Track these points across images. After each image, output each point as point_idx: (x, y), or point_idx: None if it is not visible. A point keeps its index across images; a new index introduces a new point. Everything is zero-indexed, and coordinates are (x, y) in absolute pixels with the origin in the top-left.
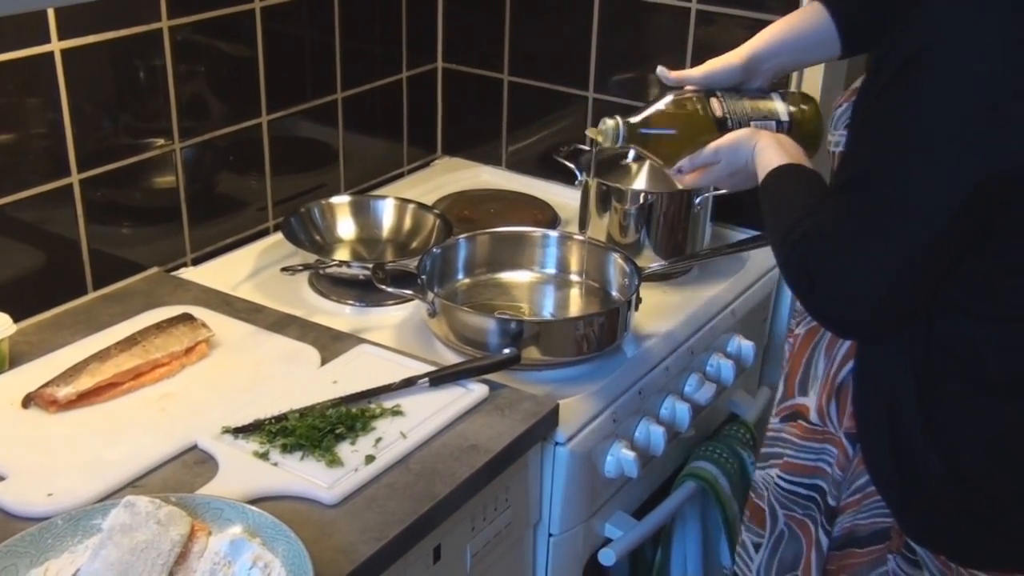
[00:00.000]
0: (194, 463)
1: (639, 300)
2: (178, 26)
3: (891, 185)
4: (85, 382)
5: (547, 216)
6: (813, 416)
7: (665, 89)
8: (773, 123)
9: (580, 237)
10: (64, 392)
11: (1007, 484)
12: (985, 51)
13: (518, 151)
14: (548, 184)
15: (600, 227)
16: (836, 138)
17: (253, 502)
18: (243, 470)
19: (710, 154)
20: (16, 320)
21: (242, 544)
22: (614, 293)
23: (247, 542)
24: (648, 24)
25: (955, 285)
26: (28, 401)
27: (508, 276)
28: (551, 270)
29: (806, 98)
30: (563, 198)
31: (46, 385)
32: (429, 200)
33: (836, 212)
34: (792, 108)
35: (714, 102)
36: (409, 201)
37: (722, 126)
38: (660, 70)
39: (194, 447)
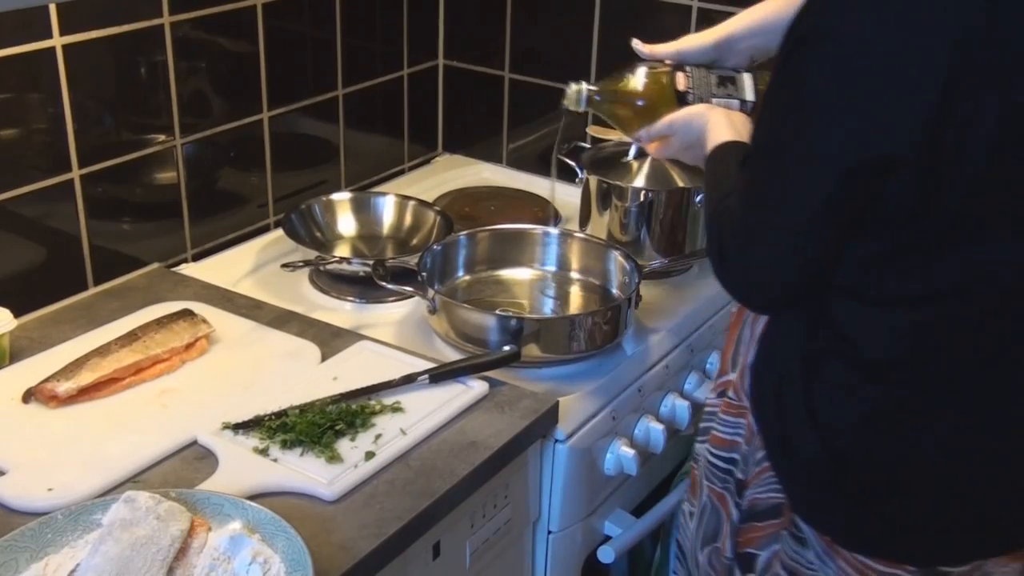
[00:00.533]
0: (194, 459)
1: (639, 298)
2: (179, 22)
3: (778, 157)
4: (85, 377)
5: (547, 213)
6: (731, 391)
7: (638, 61)
8: (736, 102)
9: (580, 235)
10: (64, 387)
11: (879, 468)
12: (859, 33)
13: (519, 148)
14: (547, 181)
15: (600, 225)
16: None
17: (253, 498)
18: (243, 466)
19: (664, 126)
20: (17, 315)
21: (242, 540)
22: (614, 291)
23: (247, 538)
24: (649, 21)
25: (845, 267)
26: (28, 396)
27: (508, 273)
28: (551, 267)
29: None
30: (564, 195)
31: (46, 380)
32: (430, 197)
33: (739, 186)
34: (762, 88)
35: (680, 76)
36: (410, 198)
37: (682, 100)
38: (635, 42)
39: (194, 443)
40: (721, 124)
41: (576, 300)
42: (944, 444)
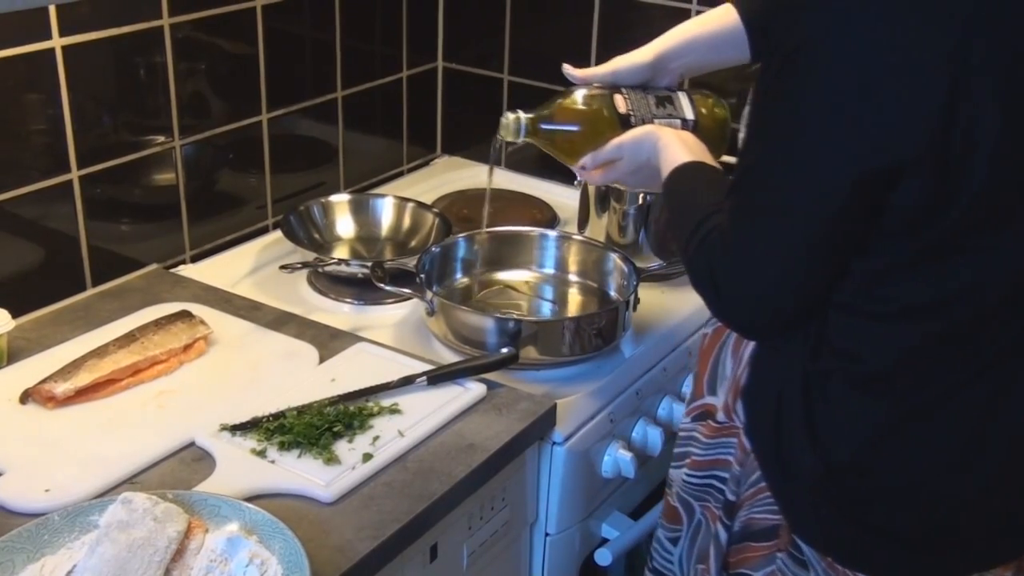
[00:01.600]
0: (191, 460)
1: (637, 300)
2: (179, 23)
3: (778, 177)
4: (83, 378)
5: (546, 216)
6: (720, 415)
7: (571, 87)
8: (678, 121)
9: (578, 237)
10: (62, 388)
11: (879, 486)
12: (856, 47)
13: (518, 151)
14: (547, 184)
15: (599, 227)
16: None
17: (250, 499)
18: (240, 467)
19: (612, 150)
20: (15, 316)
21: (239, 541)
22: (612, 293)
23: (244, 539)
24: (649, 24)
25: (846, 284)
26: (26, 397)
27: (507, 275)
28: (549, 270)
29: (714, 98)
30: (562, 198)
31: (44, 381)
32: (428, 199)
33: (731, 210)
34: (701, 108)
35: (618, 99)
36: (408, 200)
37: (625, 123)
38: (565, 67)
39: (192, 444)
40: (674, 144)
41: (574, 302)
42: (950, 458)
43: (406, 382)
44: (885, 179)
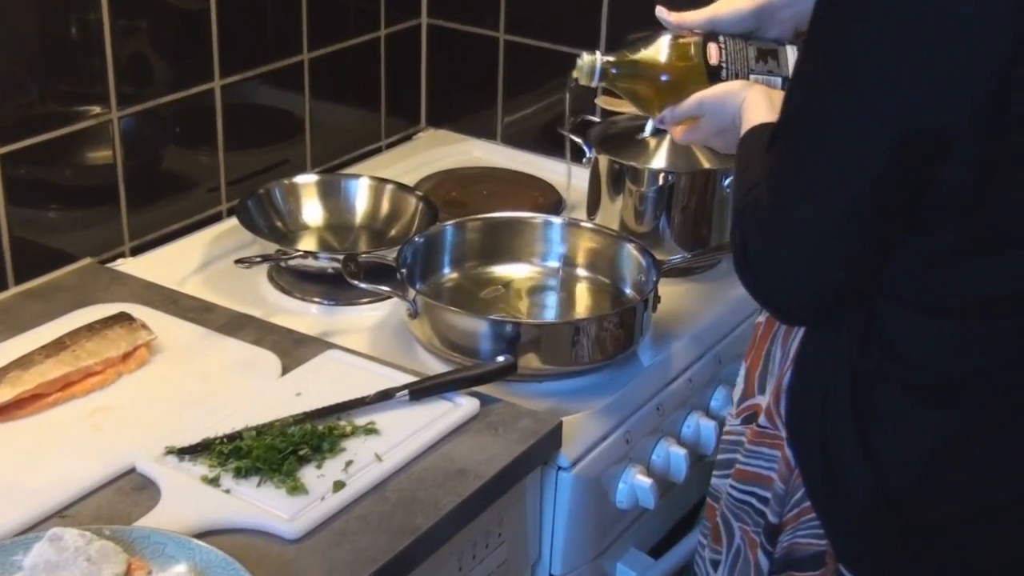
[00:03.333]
0: (132, 489)
1: (657, 299)
2: None
3: (815, 131)
4: (4, 393)
5: (550, 199)
6: (762, 418)
7: (662, 31)
8: (778, 79)
9: (588, 224)
10: None
11: (944, 508)
12: None
13: (516, 123)
14: (552, 162)
15: (612, 213)
16: None
17: (201, 536)
18: (189, 498)
19: (693, 106)
20: None
21: None
22: (628, 291)
23: None
24: None
25: (898, 270)
26: None
27: (504, 270)
28: (554, 263)
29: None
30: (568, 178)
31: None
32: (411, 180)
33: (767, 170)
34: None
35: (712, 48)
36: (387, 181)
37: (715, 76)
38: (659, 10)
39: (132, 470)
40: (760, 103)
41: (583, 301)
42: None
43: (384, 397)
44: (932, 144)
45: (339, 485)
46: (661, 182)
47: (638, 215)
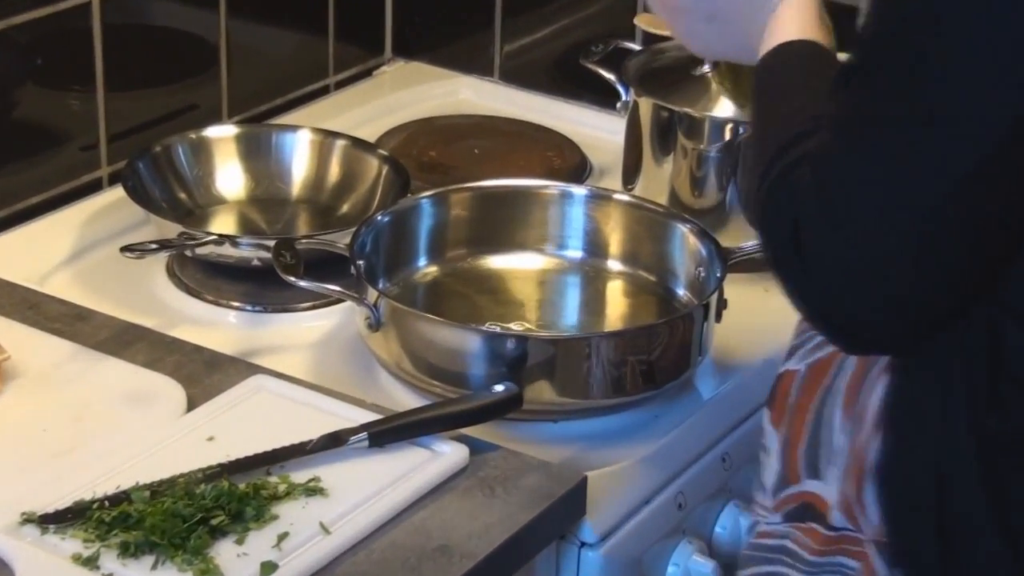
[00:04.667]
0: None
1: (724, 304)
2: None
3: (914, 77)
4: None
5: (569, 161)
6: (835, 516)
7: None
8: None
9: (624, 197)
10: None
11: None
12: None
13: (518, 53)
14: (571, 107)
15: (659, 181)
16: None
17: None
18: None
19: None
20: None
21: None
22: (681, 292)
23: None
24: None
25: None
26: None
27: (504, 262)
28: (576, 251)
29: None
30: (595, 131)
31: None
32: (371, 134)
33: (833, 123)
34: None
35: None
36: (337, 135)
37: None
38: None
39: None
40: (809, 6)
41: (617, 307)
42: None
43: (334, 442)
44: None
45: (269, 568)
46: (729, 136)
47: (696, 184)
